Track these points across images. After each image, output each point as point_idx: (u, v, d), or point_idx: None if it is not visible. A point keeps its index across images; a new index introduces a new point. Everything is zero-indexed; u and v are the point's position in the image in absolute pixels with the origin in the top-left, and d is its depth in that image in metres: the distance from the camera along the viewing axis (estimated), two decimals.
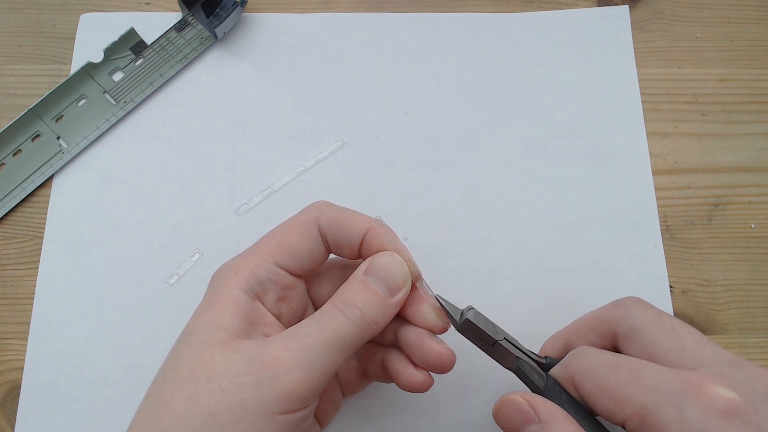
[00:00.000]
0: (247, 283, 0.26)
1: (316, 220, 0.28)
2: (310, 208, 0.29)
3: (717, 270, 0.36)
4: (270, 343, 0.24)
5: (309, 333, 0.24)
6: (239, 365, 0.23)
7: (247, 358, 0.23)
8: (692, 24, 0.41)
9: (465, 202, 0.36)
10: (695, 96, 0.39)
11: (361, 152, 0.37)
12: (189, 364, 0.24)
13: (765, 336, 0.35)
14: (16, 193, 0.36)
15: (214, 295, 0.26)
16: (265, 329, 0.26)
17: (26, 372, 0.33)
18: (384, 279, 0.26)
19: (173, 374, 0.24)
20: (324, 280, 0.30)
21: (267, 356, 0.23)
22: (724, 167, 0.38)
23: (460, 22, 0.40)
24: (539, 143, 0.38)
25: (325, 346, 0.24)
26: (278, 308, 0.27)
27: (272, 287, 0.27)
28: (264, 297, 0.27)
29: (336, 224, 0.27)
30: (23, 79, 0.39)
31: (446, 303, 0.27)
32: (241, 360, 0.23)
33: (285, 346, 0.24)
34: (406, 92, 0.39)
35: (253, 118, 0.38)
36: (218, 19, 0.38)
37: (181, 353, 0.25)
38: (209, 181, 0.37)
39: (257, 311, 0.26)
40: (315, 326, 0.25)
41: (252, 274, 0.26)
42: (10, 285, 0.35)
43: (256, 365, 0.23)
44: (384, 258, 0.26)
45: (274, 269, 0.27)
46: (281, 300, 0.27)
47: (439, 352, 0.26)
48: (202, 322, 0.25)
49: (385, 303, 0.26)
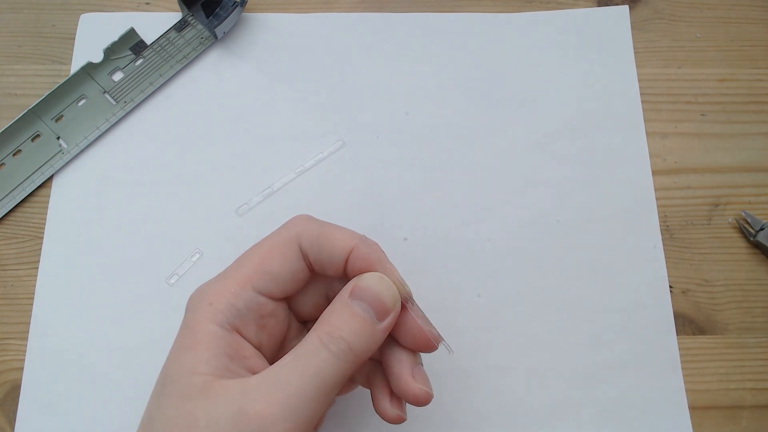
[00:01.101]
0: (223, 316, 0.24)
1: (297, 238, 0.26)
2: (290, 224, 0.27)
3: (717, 270, 0.36)
4: (252, 392, 0.22)
5: (291, 380, 0.23)
6: (222, 420, 0.22)
7: (230, 411, 0.22)
8: (692, 24, 0.41)
9: (465, 202, 0.36)
10: (695, 96, 0.39)
11: (361, 152, 0.37)
12: (171, 417, 0.22)
13: (765, 336, 0.35)
14: (16, 193, 0.36)
15: (189, 333, 0.24)
16: (246, 362, 0.24)
17: (26, 372, 0.33)
18: (371, 303, 0.24)
19: (158, 424, 0.23)
20: (307, 294, 0.28)
21: (251, 410, 0.22)
22: (724, 167, 0.38)
23: (460, 22, 0.40)
24: (539, 143, 0.38)
25: (309, 394, 0.22)
26: (258, 337, 0.25)
27: (251, 317, 0.25)
28: (243, 328, 0.25)
29: (318, 243, 0.26)
30: (23, 79, 0.39)
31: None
32: (225, 414, 0.22)
33: (268, 398, 0.22)
34: (406, 92, 0.39)
35: (253, 117, 0.38)
36: (218, 19, 0.38)
37: (161, 405, 0.23)
38: (209, 181, 0.37)
39: (236, 344, 0.24)
40: (298, 369, 0.23)
41: (229, 305, 0.24)
42: (10, 285, 0.35)
43: (240, 420, 0.22)
44: (370, 279, 0.25)
45: (253, 297, 0.25)
46: (262, 328, 0.26)
47: (415, 393, 0.25)
48: (179, 367, 0.24)
49: (373, 330, 0.24)
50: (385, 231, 0.36)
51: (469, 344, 0.34)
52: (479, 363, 0.34)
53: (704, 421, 0.33)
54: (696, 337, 0.35)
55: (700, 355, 0.34)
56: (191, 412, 0.22)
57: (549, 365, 0.34)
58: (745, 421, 0.33)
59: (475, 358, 0.34)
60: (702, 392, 0.34)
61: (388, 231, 0.36)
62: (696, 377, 0.34)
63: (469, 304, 0.35)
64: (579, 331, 0.34)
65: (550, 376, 0.34)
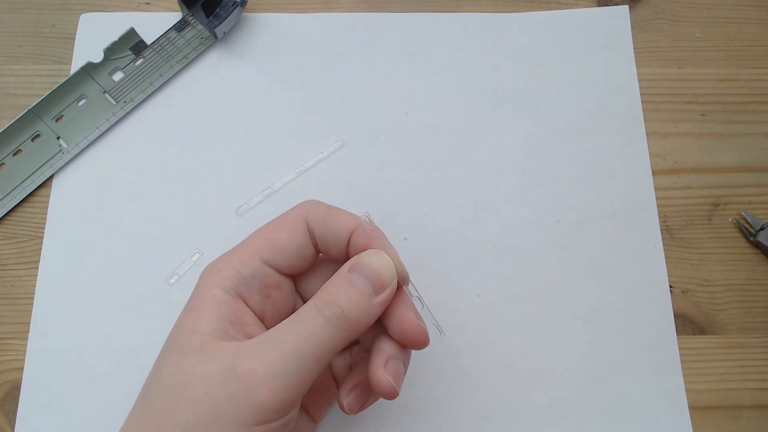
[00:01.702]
0: (230, 282, 0.25)
1: (305, 217, 0.27)
2: (299, 205, 0.28)
3: (717, 270, 0.36)
4: (245, 352, 0.23)
5: (284, 340, 0.24)
6: (213, 376, 0.23)
7: (222, 368, 0.23)
8: (692, 24, 0.41)
9: (465, 202, 0.36)
10: (695, 96, 0.39)
11: (361, 152, 0.37)
12: (169, 373, 0.24)
13: (765, 336, 0.35)
14: (16, 193, 0.36)
15: (196, 297, 0.26)
16: (247, 329, 0.25)
17: (26, 372, 0.33)
18: (369, 276, 0.25)
19: (155, 382, 0.24)
20: (314, 277, 0.29)
21: (241, 368, 0.23)
22: (724, 167, 0.38)
23: (460, 22, 0.40)
24: (539, 143, 0.38)
25: (301, 355, 0.23)
26: (262, 307, 0.27)
27: (257, 285, 0.26)
28: (248, 295, 0.26)
29: (324, 222, 0.27)
30: (23, 79, 0.39)
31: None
32: (216, 370, 0.23)
33: (260, 356, 0.23)
34: (406, 92, 0.39)
35: (253, 117, 0.38)
36: (218, 19, 0.38)
37: (162, 362, 0.24)
38: (209, 181, 0.37)
39: (239, 310, 0.26)
40: (292, 332, 0.24)
41: (236, 272, 0.26)
42: (10, 285, 0.35)
43: (230, 377, 0.23)
44: (370, 256, 0.26)
45: (260, 266, 0.26)
46: (266, 299, 0.27)
47: (379, 381, 0.25)
48: (183, 328, 0.25)
49: (369, 302, 0.25)
50: (385, 231, 0.35)
51: (469, 344, 0.34)
52: (479, 363, 0.34)
53: (704, 421, 0.33)
54: (696, 337, 0.35)
55: (700, 355, 0.34)
56: (187, 369, 0.23)
57: (549, 365, 0.34)
58: (745, 421, 0.33)
59: (475, 358, 0.34)
60: (702, 392, 0.34)
61: (388, 231, 0.36)
62: (696, 377, 0.34)
63: (469, 304, 0.35)
64: (579, 331, 0.34)
65: (550, 376, 0.34)
